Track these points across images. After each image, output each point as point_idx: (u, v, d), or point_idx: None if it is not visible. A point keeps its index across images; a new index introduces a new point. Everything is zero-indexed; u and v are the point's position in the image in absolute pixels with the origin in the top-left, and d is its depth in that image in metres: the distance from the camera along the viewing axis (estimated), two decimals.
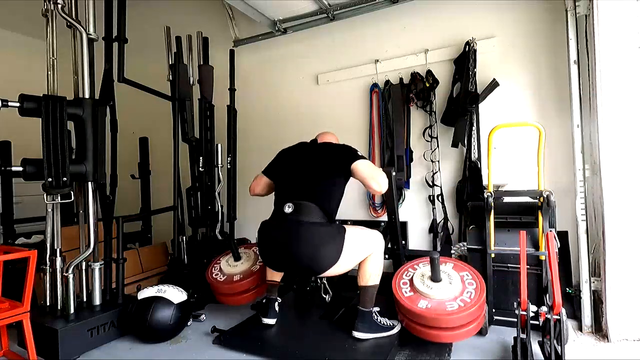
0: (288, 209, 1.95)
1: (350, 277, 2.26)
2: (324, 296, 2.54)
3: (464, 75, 2.64)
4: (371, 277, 2.01)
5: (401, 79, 3.00)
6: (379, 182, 1.94)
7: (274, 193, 2.22)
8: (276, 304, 2.22)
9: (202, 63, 3.07)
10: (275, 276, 2.24)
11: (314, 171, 2.07)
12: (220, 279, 2.46)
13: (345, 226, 2.02)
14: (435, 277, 1.89)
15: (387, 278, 2.09)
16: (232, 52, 3.24)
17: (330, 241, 1.90)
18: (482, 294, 1.83)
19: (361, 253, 2.01)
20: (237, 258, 2.55)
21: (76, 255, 2.17)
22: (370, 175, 1.96)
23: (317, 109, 3.40)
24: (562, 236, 2.21)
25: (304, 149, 2.23)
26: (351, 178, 2.06)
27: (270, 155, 2.34)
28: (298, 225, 1.90)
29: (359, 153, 2.07)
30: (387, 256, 2.45)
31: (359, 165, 1.98)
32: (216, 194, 2.99)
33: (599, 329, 2.04)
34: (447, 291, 1.85)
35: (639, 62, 1.94)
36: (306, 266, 1.91)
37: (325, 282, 2.57)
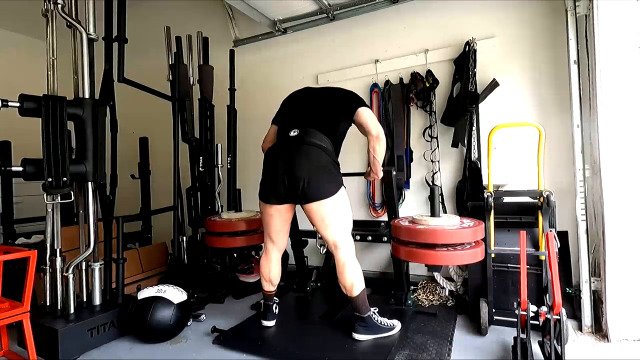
0: (293, 132, 1.94)
1: None
2: (319, 247, 2.45)
3: (464, 75, 2.64)
4: (354, 285, 1.94)
5: (401, 79, 3.01)
6: (379, 129, 2.01)
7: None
8: (274, 306, 2.22)
9: (202, 63, 3.07)
10: (270, 285, 2.19)
11: (321, 106, 2.07)
12: (219, 220, 2.62)
13: None
14: (434, 211, 1.91)
15: (385, 279, 2.08)
16: (232, 52, 3.24)
17: (330, 171, 1.90)
18: (479, 225, 1.94)
19: (343, 222, 1.96)
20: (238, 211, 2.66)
21: (76, 255, 2.17)
22: (373, 122, 2.02)
23: None
24: (562, 236, 2.21)
25: (311, 90, 2.22)
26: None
27: None
28: (302, 144, 1.89)
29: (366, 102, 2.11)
30: (384, 239, 2.47)
31: (364, 111, 2.03)
32: (216, 194, 2.99)
33: (599, 329, 2.04)
34: (445, 221, 1.97)
35: (639, 62, 1.94)
36: (301, 188, 1.85)
37: (318, 236, 2.48)
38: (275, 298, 2.24)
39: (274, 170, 1.95)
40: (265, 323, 2.16)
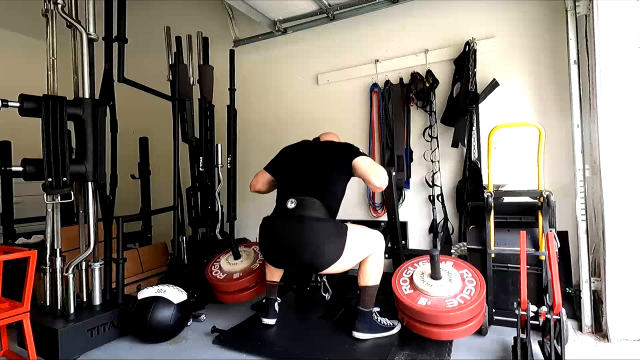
0: (291, 204, 1.95)
1: (351, 277, 2.26)
2: (324, 294, 2.54)
3: (464, 75, 2.64)
4: (371, 277, 2.00)
5: (401, 79, 3.01)
6: (380, 177, 1.95)
7: (275, 190, 2.22)
8: (276, 304, 2.22)
9: (202, 63, 3.07)
10: (274, 276, 2.23)
11: (316, 168, 2.07)
12: (220, 276, 2.45)
13: (347, 224, 2.02)
14: (435, 275, 1.89)
15: (386, 278, 2.09)
16: (232, 52, 3.24)
17: (332, 238, 1.90)
18: (481, 292, 1.83)
19: (362, 252, 2.00)
20: (237, 256, 2.55)
21: (76, 255, 2.17)
22: (371, 170, 1.97)
23: (317, 109, 3.40)
24: (562, 236, 2.21)
25: (307, 147, 2.23)
26: (352, 177, 2.07)
27: (271, 155, 2.34)
28: (301, 220, 1.90)
29: (360, 150, 2.09)
30: (387, 255, 2.45)
31: (360, 162, 2.00)
32: (216, 194, 2.99)
33: (599, 329, 2.04)
34: (446, 289, 1.85)
35: (639, 62, 1.94)
36: (308, 262, 1.90)
37: (325, 280, 2.56)
38: (277, 298, 2.25)
39: (274, 244, 1.98)
40: (266, 321, 2.16)
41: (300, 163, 2.14)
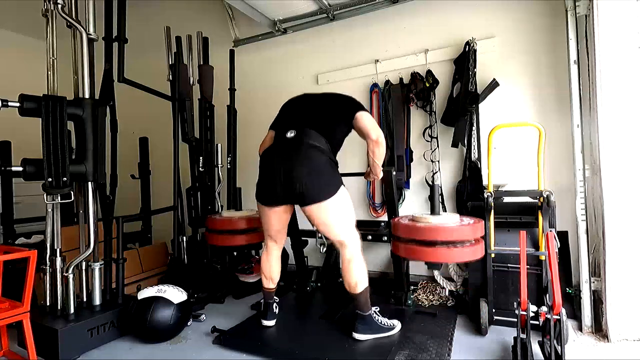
0: (290, 134, 1.93)
1: None
2: (319, 247, 2.49)
3: (464, 75, 2.64)
4: (358, 283, 1.95)
5: (401, 79, 3.01)
6: (378, 133, 1.95)
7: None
8: (274, 305, 2.22)
9: (202, 63, 3.07)
10: (269, 283, 2.20)
11: (319, 110, 2.06)
12: (220, 218, 2.64)
13: None
14: (434, 209, 1.91)
15: (385, 279, 2.09)
16: (232, 52, 3.24)
17: (328, 172, 1.89)
18: (479, 223, 1.94)
19: (347, 220, 1.96)
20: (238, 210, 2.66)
21: (76, 255, 2.17)
22: (372, 125, 1.97)
23: None
24: (562, 236, 2.21)
25: (309, 95, 2.21)
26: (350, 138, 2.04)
27: None
28: (299, 145, 1.88)
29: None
30: (384, 239, 2.46)
31: (363, 115, 1.99)
32: (216, 194, 2.99)
33: (599, 329, 2.04)
34: (444, 219, 1.97)
35: (639, 62, 1.94)
36: (299, 190, 1.84)
37: (322, 235, 2.50)
38: (275, 297, 2.25)
39: (270, 172, 1.94)
40: (265, 323, 2.16)
41: (302, 106, 2.12)
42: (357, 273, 1.95)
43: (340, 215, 1.94)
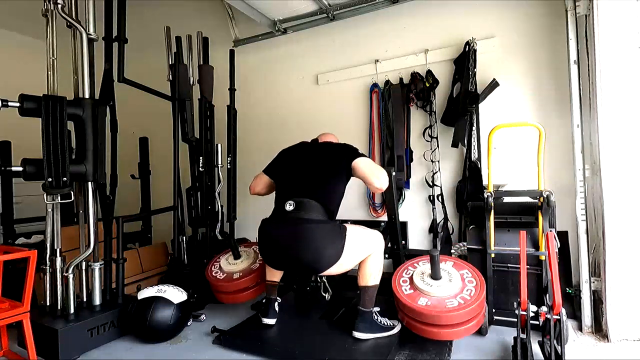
0: (289, 206, 1.95)
1: (351, 277, 2.26)
2: (324, 294, 2.54)
3: (464, 75, 2.64)
4: (371, 277, 2.00)
5: (401, 79, 3.01)
6: (380, 178, 1.94)
7: (274, 192, 2.22)
8: (276, 304, 2.22)
9: (202, 63, 3.07)
10: (274, 276, 2.23)
11: (315, 170, 2.07)
12: (220, 277, 2.45)
13: (346, 225, 2.02)
14: (435, 275, 1.89)
15: (386, 278, 2.09)
16: (232, 52, 3.24)
17: (331, 240, 1.90)
18: (482, 292, 1.83)
19: (362, 252, 2.00)
20: (236, 256, 2.54)
21: (76, 255, 2.17)
22: (371, 172, 1.96)
23: (317, 109, 3.40)
24: (562, 236, 2.21)
25: (305, 148, 2.23)
26: (352, 178, 2.06)
27: (271, 155, 2.34)
28: (299, 223, 1.90)
29: (360, 151, 2.08)
30: (387, 255, 2.45)
31: (359, 163, 1.99)
32: (216, 194, 2.99)
33: (599, 329, 2.04)
34: (446, 289, 1.85)
35: (639, 62, 1.94)
36: (307, 265, 1.91)
37: (325, 280, 2.57)
38: (277, 298, 2.25)
39: (273, 248, 1.98)
40: (266, 321, 2.16)
41: (299, 165, 2.14)
42: (373, 266, 2.01)
43: (355, 254, 1.98)
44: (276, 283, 2.23)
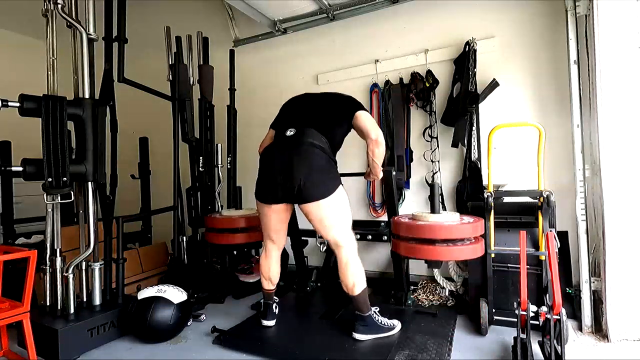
0: (290, 132, 1.94)
1: None
2: (319, 245, 2.47)
3: (464, 75, 2.64)
4: (356, 285, 1.95)
5: (401, 79, 3.01)
6: (378, 133, 1.96)
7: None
8: (274, 305, 2.22)
9: (202, 63, 3.07)
10: (269, 285, 2.19)
11: (319, 108, 2.07)
12: (219, 217, 2.65)
13: None
14: (434, 209, 1.91)
15: (385, 279, 2.09)
16: (232, 52, 3.24)
17: (327, 171, 1.89)
18: (479, 222, 1.95)
19: (343, 220, 1.96)
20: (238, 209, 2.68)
21: (76, 255, 2.17)
22: (371, 125, 1.98)
23: None
24: (562, 236, 2.21)
25: (310, 94, 2.22)
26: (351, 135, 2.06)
27: None
28: (299, 143, 1.88)
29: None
30: (384, 238, 2.46)
31: (362, 114, 2.00)
32: (216, 194, 2.99)
33: (599, 329, 2.04)
34: (444, 217, 1.99)
35: (639, 62, 1.94)
36: (297, 187, 1.83)
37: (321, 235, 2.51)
38: (275, 297, 2.25)
39: (269, 170, 1.95)
40: (265, 323, 2.16)
41: (302, 105, 2.13)
42: (354, 275, 1.95)
43: (337, 215, 1.94)
44: (272, 291, 2.20)
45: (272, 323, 2.17)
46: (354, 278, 1.94)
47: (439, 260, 2.02)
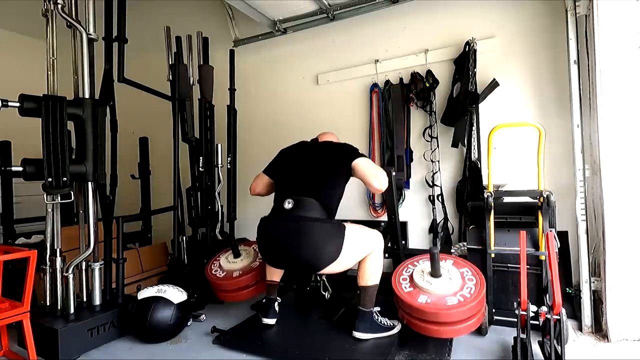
0: (288, 204, 1.94)
1: (350, 277, 2.26)
2: (323, 293, 2.53)
3: (464, 75, 2.64)
4: (371, 276, 2.00)
5: (401, 79, 3.01)
6: (380, 180, 1.94)
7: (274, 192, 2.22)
8: (276, 304, 2.22)
9: (202, 63, 3.07)
10: (274, 276, 2.23)
11: (314, 168, 2.07)
12: (220, 275, 2.44)
13: (345, 224, 2.01)
14: (435, 273, 1.89)
15: (386, 278, 2.09)
16: (232, 52, 3.24)
17: (330, 238, 1.89)
18: (482, 289, 1.83)
19: (361, 251, 2.00)
20: (236, 255, 2.54)
21: (76, 255, 2.17)
22: (371, 173, 1.96)
23: (317, 109, 3.40)
24: (562, 236, 2.21)
25: (305, 148, 2.23)
26: (352, 178, 2.06)
27: (271, 156, 2.34)
28: (298, 221, 1.89)
29: (360, 151, 2.08)
30: (386, 255, 2.45)
31: (359, 163, 1.99)
32: (216, 194, 2.99)
33: (599, 329, 2.04)
34: (446, 286, 1.85)
35: (639, 62, 1.94)
36: (306, 263, 1.90)
37: (324, 279, 2.56)
38: (277, 298, 2.25)
39: (272, 249, 1.98)
40: (266, 321, 2.16)
41: (298, 164, 2.14)
42: (373, 266, 2.01)
43: (354, 253, 1.98)
44: (276, 283, 2.23)
45: (272, 321, 2.17)
46: (372, 269, 2.00)
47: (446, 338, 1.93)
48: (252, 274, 2.39)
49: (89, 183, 2.17)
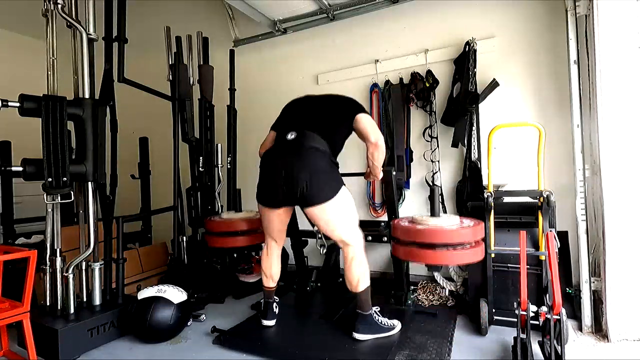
0: (290, 135, 1.94)
1: None
2: (319, 248, 2.47)
3: (464, 75, 2.64)
4: (359, 281, 1.95)
5: (401, 79, 3.01)
6: (378, 136, 1.97)
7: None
8: (274, 305, 2.22)
9: (202, 63, 3.07)
10: (269, 282, 2.20)
11: (320, 112, 2.07)
12: (219, 220, 2.62)
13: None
14: (434, 212, 1.90)
15: (385, 279, 2.08)
16: (232, 52, 3.24)
17: (329, 173, 1.89)
18: (479, 225, 1.92)
19: (349, 221, 1.96)
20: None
21: (76, 255, 2.17)
22: (371, 128, 1.98)
23: None
24: (562, 236, 2.21)
25: (311, 96, 2.22)
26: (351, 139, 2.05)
27: None
28: (300, 147, 1.88)
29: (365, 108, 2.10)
30: (384, 239, 2.46)
31: (363, 117, 2.00)
32: (216, 194, 2.99)
33: (599, 329, 2.04)
34: (444, 221, 1.94)
35: (639, 62, 1.94)
36: (300, 192, 1.83)
37: (322, 236, 2.46)
38: (275, 297, 2.25)
39: (271, 174, 1.94)
40: (265, 322, 2.16)
41: (304, 108, 2.13)
42: (358, 271, 1.96)
43: (342, 215, 1.94)
44: (273, 289, 2.21)
45: (272, 323, 2.17)
46: (359, 274, 1.96)
47: (439, 264, 2.01)
48: (250, 220, 2.57)
49: (89, 183, 2.17)
